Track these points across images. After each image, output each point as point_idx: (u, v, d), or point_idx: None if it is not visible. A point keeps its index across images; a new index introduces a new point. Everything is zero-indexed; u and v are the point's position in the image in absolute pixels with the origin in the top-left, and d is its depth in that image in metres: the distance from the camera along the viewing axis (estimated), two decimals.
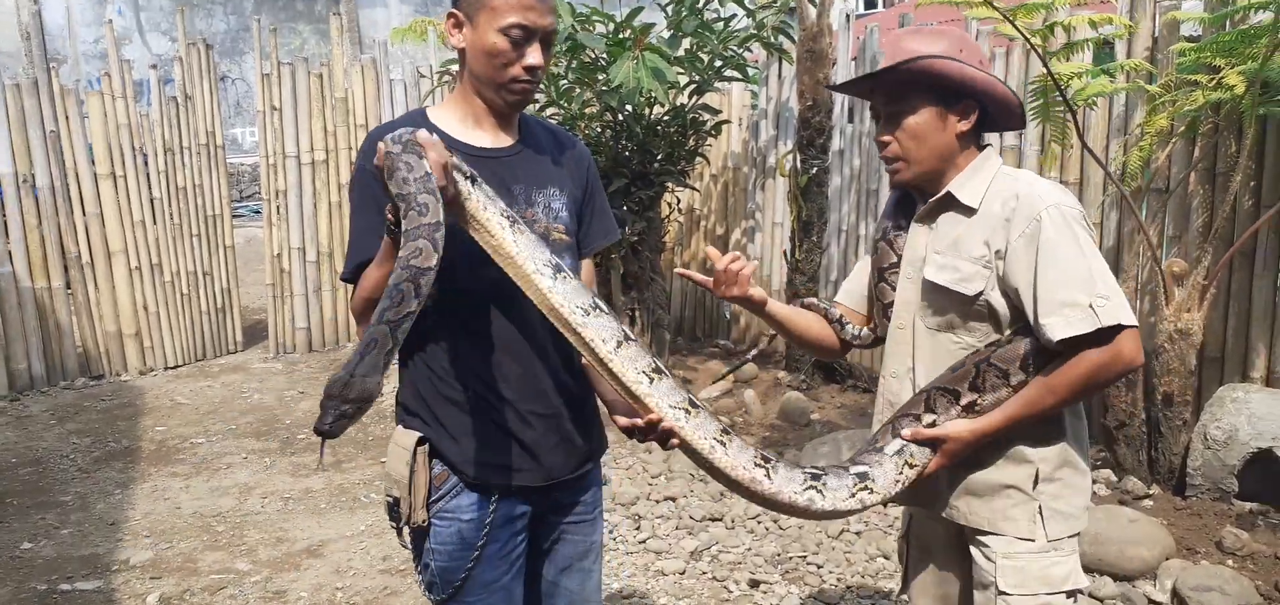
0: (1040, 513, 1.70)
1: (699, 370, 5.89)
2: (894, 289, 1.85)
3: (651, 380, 1.58)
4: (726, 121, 6.04)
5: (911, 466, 1.70)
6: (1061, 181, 4.36)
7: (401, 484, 1.67)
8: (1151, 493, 3.79)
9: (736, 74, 5.31)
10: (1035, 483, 1.70)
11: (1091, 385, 1.61)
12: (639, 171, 5.27)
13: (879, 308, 1.91)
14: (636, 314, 5.52)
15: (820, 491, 1.64)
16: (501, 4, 1.59)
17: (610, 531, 3.72)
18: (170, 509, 4.15)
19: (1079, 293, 1.56)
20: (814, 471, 1.66)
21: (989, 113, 1.75)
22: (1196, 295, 3.72)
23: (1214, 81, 3.63)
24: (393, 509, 1.71)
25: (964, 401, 1.68)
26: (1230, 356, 4.01)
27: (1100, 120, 4.22)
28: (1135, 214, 3.85)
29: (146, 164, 6.24)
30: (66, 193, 5.95)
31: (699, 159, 5.85)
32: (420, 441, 1.68)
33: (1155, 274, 3.85)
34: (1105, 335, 1.55)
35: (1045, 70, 3.60)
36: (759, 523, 3.80)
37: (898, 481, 1.69)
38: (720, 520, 3.83)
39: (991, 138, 2.21)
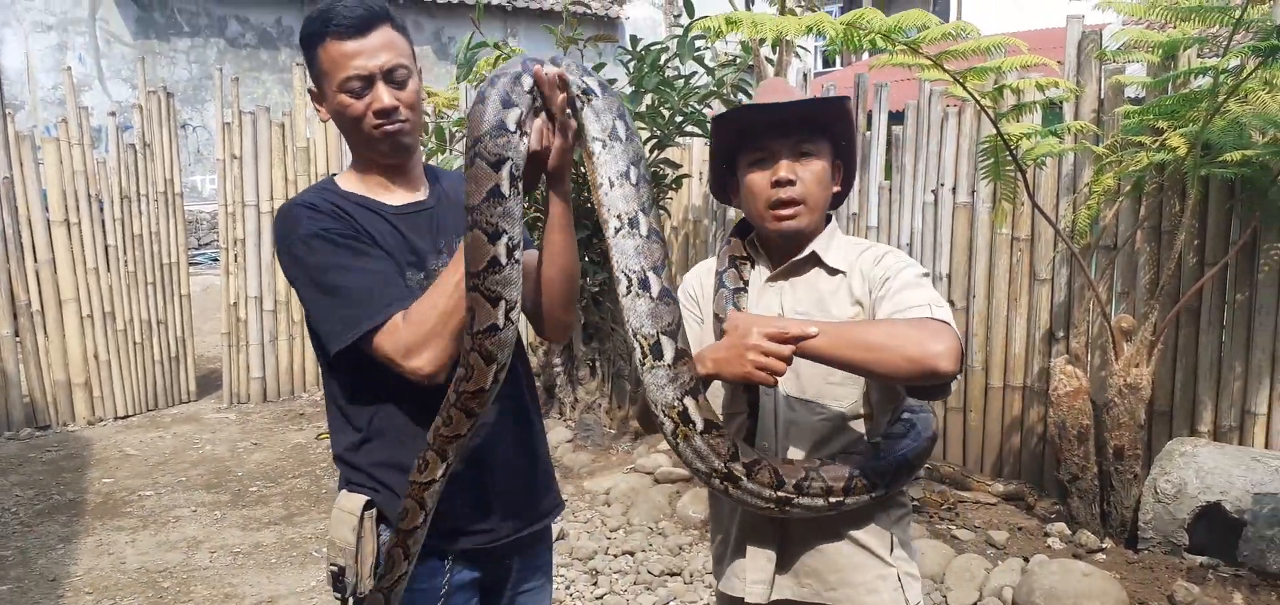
0: (900, 582, 1.69)
1: None
2: None
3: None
4: (687, 175, 6.10)
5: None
6: (1013, 238, 4.46)
7: (347, 552, 1.59)
8: (1104, 546, 3.83)
9: (697, 129, 5.38)
10: (892, 549, 1.69)
11: (899, 347, 1.46)
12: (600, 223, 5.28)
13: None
14: (597, 364, 5.51)
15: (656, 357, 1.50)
16: (331, 64, 1.58)
17: (567, 587, 3.67)
18: (115, 564, 4.04)
19: (920, 302, 1.55)
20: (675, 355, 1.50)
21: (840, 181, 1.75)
22: (1145, 350, 3.79)
23: (1157, 143, 3.74)
24: (337, 579, 1.61)
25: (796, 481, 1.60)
26: (1179, 410, 4.08)
27: (1049, 179, 4.32)
28: (1084, 270, 3.93)
29: (102, 211, 6.16)
30: (18, 240, 5.84)
31: (661, 211, 5.89)
32: (367, 505, 1.60)
33: (1105, 329, 3.92)
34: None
35: (995, 131, 3.69)
36: None
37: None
38: (679, 575, 3.80)
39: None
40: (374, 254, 1.56)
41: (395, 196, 1.68)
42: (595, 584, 3.75)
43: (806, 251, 1.69)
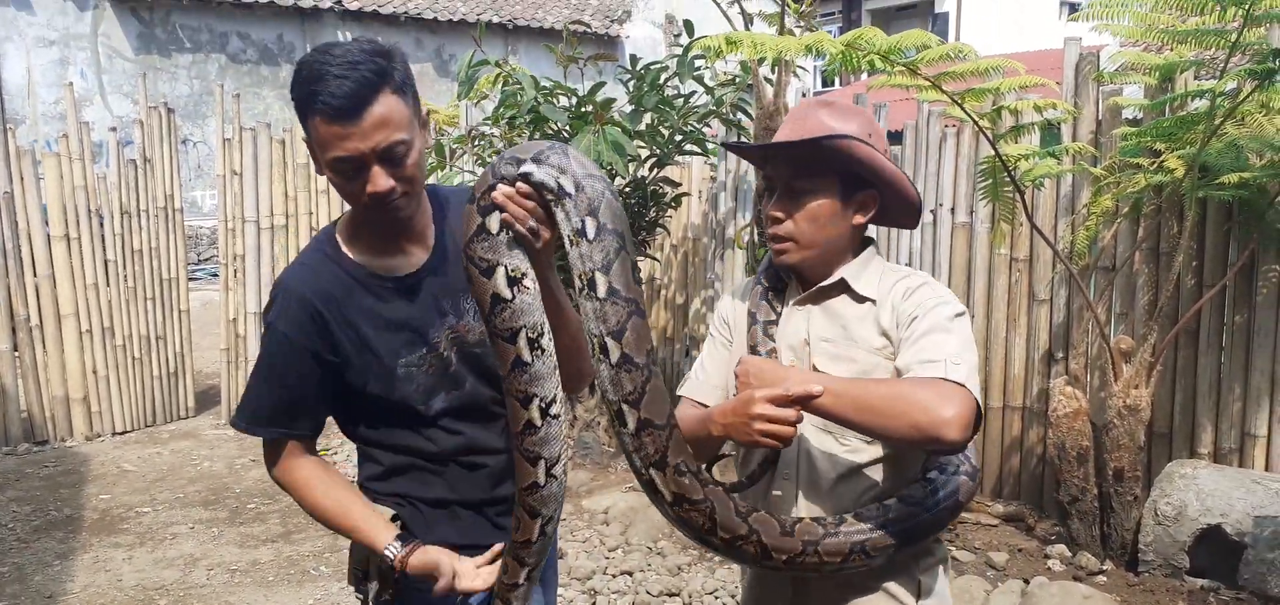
0: None
1: None
2: None
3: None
4: (686, 194, 6.12)
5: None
6: (1011, 258, 4.46)
7: (372, 560, 1.65)
8: (1105, 568, 3.82)
9: (696, 148, 5.39)
10: (918, 598, 1.63)
11: (903, 413, 1.39)
12: None
13: None
14: (595, 383, 5.51)
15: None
16: (320, 141, 1.46)
17: None
18: (111, 581, 4.02)
19: (939, 354, 1.46)
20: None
21: (885, 206, 1.64)
22: (1144, 372, 3.79)
23: (1155, 165, 3.76)
24: (361, 582, 1.67)
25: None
26: (1178, 432, 4.08)
27: (1048, 200, 4.33)
28: (1083, 291, 3.94)
29: (102, 226, 6.16)
30: (18, 255, 5.84)
31: (660, 230, 5.90)
32: (393, 517, 1.66)
33: (1104, 350, 3.92)
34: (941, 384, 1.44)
35: (994, 152, 3.70)
36: (716, 598, 3.76)
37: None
38: (677, 595, 3.78)
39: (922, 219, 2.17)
40: (297, 377, 1.60)
41: (397, 260, 1.62)
42: (593, 603, 3.74)
43: (835, 278, 1.63)
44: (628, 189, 5.34)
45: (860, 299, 1.61)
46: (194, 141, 14.82)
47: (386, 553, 1.59)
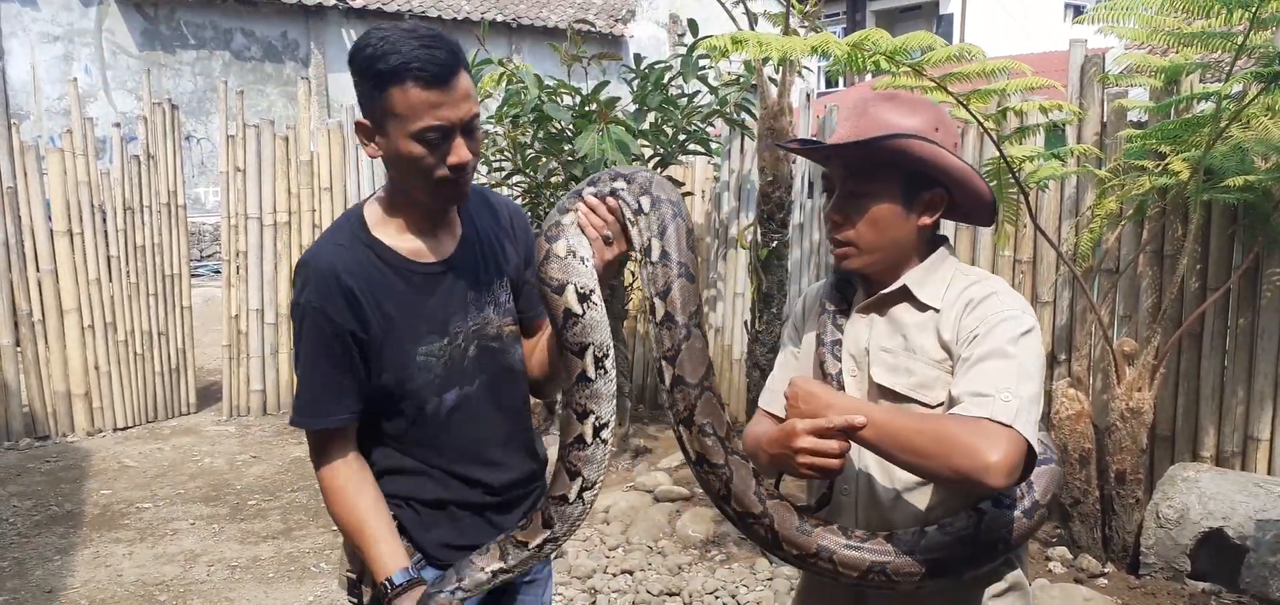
0: None
1: (660, 438, 5.86)
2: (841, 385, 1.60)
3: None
4: (689, 193, 6.11)
5: None
6: (1015, 260, 4.45)
7: (360, 560, 1.63)
8: (1106, 570, 3.81)
9: (699, 148, 5.39)
10: None
11: (943, 455, 1.33)
12: None
13: None
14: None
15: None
16: (407, 109, 1.46)
17: None
18: (111, 576, 4.02)
19: (991, 386, 1.38)
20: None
21: (955, 203, 1.55)
22: (1147, 374, 3.78)
23: (1160, 167, 3.75)
24: (353, 586, 1.66)
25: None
26: (1181, 435, 4.07)
27: (1052, 202, 4.32)
28: (1086, 293, 3.93)
29: (105, 222, 6.17)
30: (21, 249, 5.85)
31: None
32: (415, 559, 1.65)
33: (1107, 353, 3.92)
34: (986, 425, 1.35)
35: (998, 153, 3.69)
36: (717, 598, 3.75)
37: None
38: (677, 594, 3.78)
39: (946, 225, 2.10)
40: (338, 359, 1.56)
41: (427, 247, 1.62)
42: (593, 603, 3.73)
43: (897, 285, 1.54)
44: None
45: (922, 307, 1.52)
46: (197, 138, 14.83)
47: (383, 583, 1.56)
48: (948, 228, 4.77)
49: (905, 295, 1.54)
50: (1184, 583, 3.63)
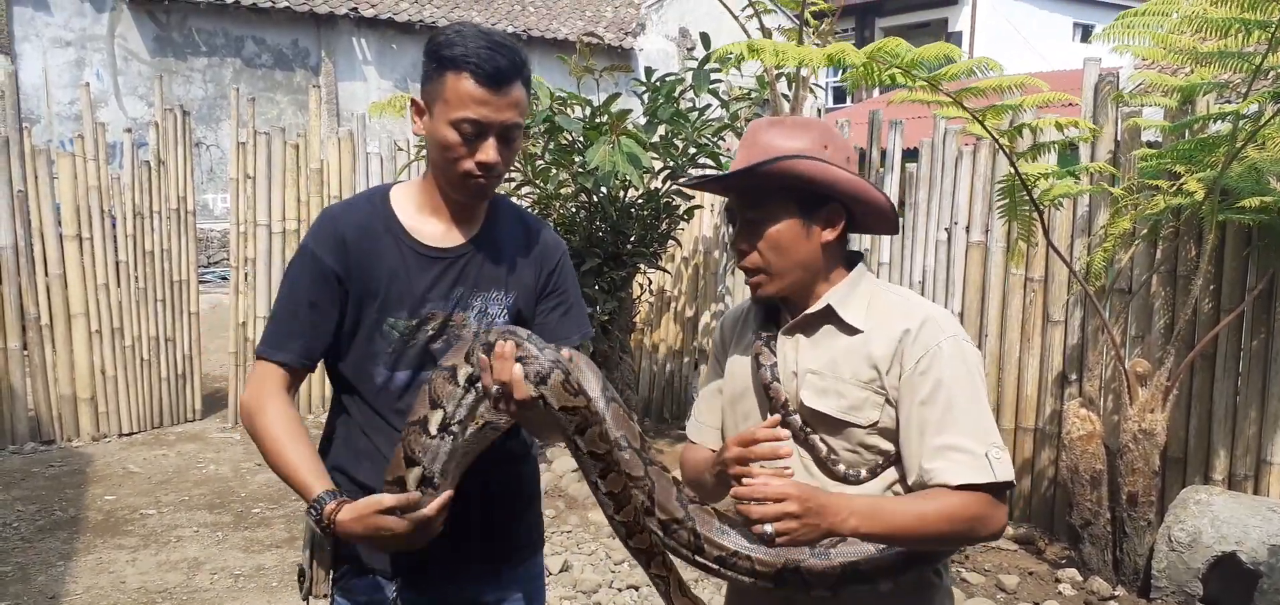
0: None
1: (665, 452, 5.83)
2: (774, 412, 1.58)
3: None
4: (699, 206, 6.10)
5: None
6: (1027, 278, 4.43)
7: (306, 556, 1.62)
8: (1117, 593, 3.77)
9: (710, 161, 5.37)
10: None
11: (967, 533, 1.44)
12: (612, 252, 5.28)
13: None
14: None
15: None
16: (454, 97, 1.53)
17: None
18: (114, 583, 4.00)
19: (972, 441, 1.43)
20: None
21: (855, 217, 1.56)
22: (1160, 396, 3.75)
23: (1175, 187, 3.72)
24: (300, 577, 1.65)
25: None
26: (1193, 458, 4.03)
27: (1065, 220, 4.30)
28: (1099, 313, 3.90)
29: (115, 227, 6.17)
30: (30, 253, 5.85)
31: (671, 242, 5.89)
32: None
33: (1119, 373, 3.88)
34: (993, 491, 1.43)
35: (1012, 170, 3.68)
36: None
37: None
38: None
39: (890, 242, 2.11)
40: (308, 301, 1.63)
41: (440, 233, 1.67)
42: None
43: (821, 305, 1.54)
44: (640, 199, 5.33)
45: (849, 329, 1.52)
46: (207, 144, 14.87)
47: (313, 506, 1.50)
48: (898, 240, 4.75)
49: (830, 316, 1.54)
50: None
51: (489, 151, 1.56)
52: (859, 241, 4.72)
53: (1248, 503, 3.64)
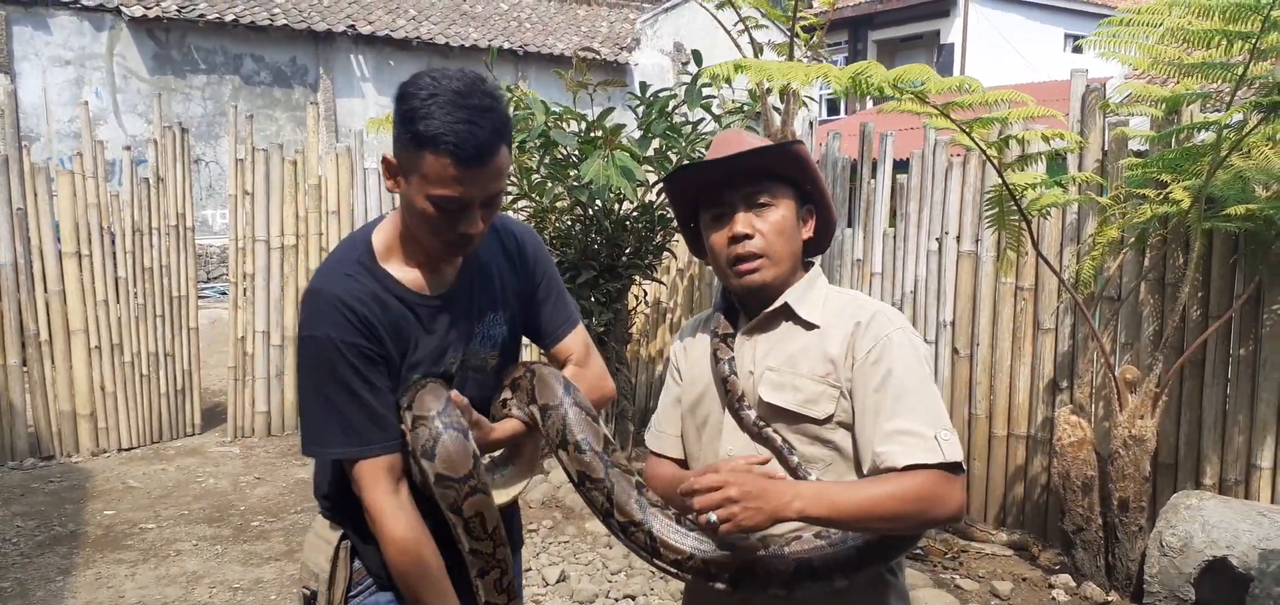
0: None
1: None
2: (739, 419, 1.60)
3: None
4: None
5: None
6: (1017, 287, 4.47)
7: (321, 578, 1.64)
8: (1110, 599, 3.80)
9: None
10: None
11: (919, 513, 1.42)
12: (607, 264, 5.33)
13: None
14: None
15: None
16: (434, 175, 1.43)
17: None
18: (113, 598, 4.03)
19: (922, 425, 1.45)
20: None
21: (818, 222, 1.64)
22: (1149, 402, 3.79)
23: (1161, 196, 3.77)
24: (309, 603, 1.67)
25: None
26: (1183, 463, 4.07)
27: (1054, 229, 4.34)
28: (1088, 321, 3.95)
29: (114, 244, 6.21)
30: (29, 270, 5.89)
31: (666, 254, 5.93)
32: (343, 538, 1.65)
33: (1109, 380, 3.92)
34: (944, 472, 1.44)
35: (1001, 181, 3.72)
36: None
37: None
38: None
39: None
40: (367, 386, 1.53)
41: (430, 280, 1.62)
42: None
43: (778, 303, 1.58)
44: (635, 212, 5.37)
45: (805, 326, 1.56)
46: (206, 161, 14.93)
47: None
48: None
49: (787, 313, 1.59)
50: None
51: (473, 223, 1.49)
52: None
53: (1238, 507, 3.67)
